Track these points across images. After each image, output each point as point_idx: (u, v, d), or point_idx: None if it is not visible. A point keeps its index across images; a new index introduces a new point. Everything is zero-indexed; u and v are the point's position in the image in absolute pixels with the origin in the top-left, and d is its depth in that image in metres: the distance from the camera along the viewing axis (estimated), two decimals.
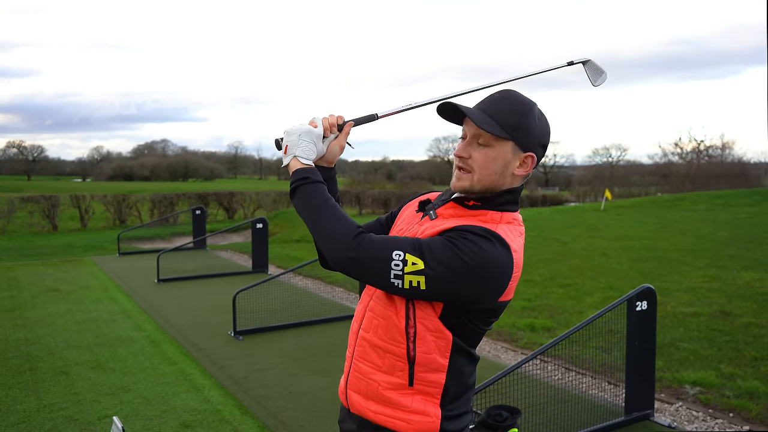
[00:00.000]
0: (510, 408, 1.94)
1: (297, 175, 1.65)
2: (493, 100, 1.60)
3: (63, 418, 4.30)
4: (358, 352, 1.66)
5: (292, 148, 1.69)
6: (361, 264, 1.49)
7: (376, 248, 1.49)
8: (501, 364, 5.47)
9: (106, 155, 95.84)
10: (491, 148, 1.57)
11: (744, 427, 4.21)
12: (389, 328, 1.58)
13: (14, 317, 7.22)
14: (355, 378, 1.66)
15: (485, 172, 1.57)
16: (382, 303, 1.61)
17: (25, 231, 18.74)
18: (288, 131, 1.71)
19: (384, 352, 1.59)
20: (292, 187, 1.65)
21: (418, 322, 1.53)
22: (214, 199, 23.77)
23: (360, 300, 1.75)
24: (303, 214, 1.62)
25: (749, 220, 17.76)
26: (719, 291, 8.22)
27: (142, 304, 7.90)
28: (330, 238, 1.54)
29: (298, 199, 1.63)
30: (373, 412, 1.60)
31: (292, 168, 1.68)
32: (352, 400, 1.66)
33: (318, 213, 1.58)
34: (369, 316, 1.64)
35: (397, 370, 1.57)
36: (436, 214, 1.64)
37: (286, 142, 1.71)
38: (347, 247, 1.50)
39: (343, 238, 1.52)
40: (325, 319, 7.08)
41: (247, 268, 10.95)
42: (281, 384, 4.99)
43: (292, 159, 1.68)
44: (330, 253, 1.53)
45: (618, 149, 76.69)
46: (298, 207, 1.64)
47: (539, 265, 10.58)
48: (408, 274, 1.45)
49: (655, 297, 4.24)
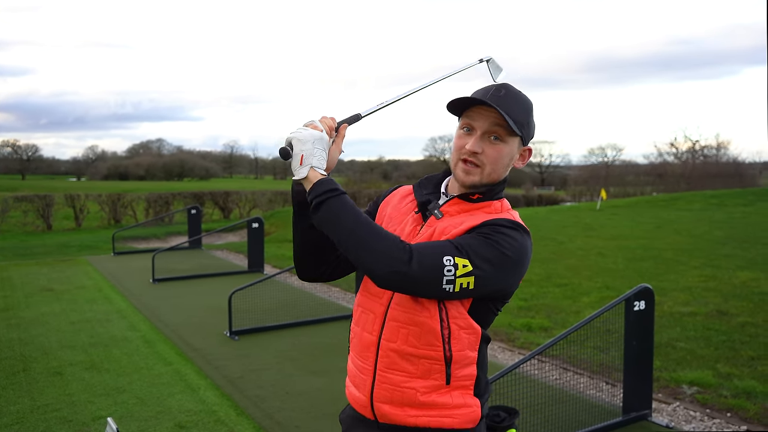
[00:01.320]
0: (508, 408, 1.92)
1: (322, 187, 1.50)
2: (504, 96, 1.59)
3: (57, 419, 4.26)
4: (385, 363, 1.59)
5: (308, 158, 1.52)
6: (412, 276, 1.42)
7: (427, 257, 1.44)
8: (498, 365, 5.45)
9: (101, 154, 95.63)
10: (505, 144, 1.60)
11: (741, 426, 4.21)
12: (423, 334, 1.55)
13: (8, 317, 7.16)
14: (384, 390, 1.59)
15: (496, 166, 1.60)
16: (409, 310, 1.56)
17: (19, 230, 18.63)
18: (299, 138, 1.52)
19: (418, 358, 1.56)
20: (317, 201, 1.49)
21: (452, 323, 1.55)
22: (209, 199, 23.70)
23: (364, 310, 1.67)
24: (334, 228, 1.48)
25: (744, 219, 17.81)
26: (715, 291, 8.23)
27: (137, 304, 7.85)
28: (377, 253, 1.43)
29: (326, 213, 1.48)
30: (414, 416, 1.58)
31: (312, 179, 1.52)
32: (383, 411, 1.60)
33: (358, 227, 1.46)
34: (393, 325, 1.58)
35: (434, 372, 1.56)
36: (441, 213, 1.62)
37: (301, 151, 1.52)
38: (398, 261, 1.42)
39: (392, 252, 1.43)
40: (321, 319, 7.05)
41: (242, 267, 10.92)
42: (277, 384, 4.96)
43: (310, 170, 1.52)
44: (376, 268, 1.43)
45: (613, 149, 77.02)
46: (326, 221, 1.49)
47: (535, 265, 10.57)
48: (459, 278, 1.45)
49: (653, 297, 4.23)
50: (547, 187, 70.62)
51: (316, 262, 1.69)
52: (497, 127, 1.57)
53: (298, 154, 1.52)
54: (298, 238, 1.67)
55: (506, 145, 1.60)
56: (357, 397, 1.66)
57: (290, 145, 1.53)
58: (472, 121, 1.60)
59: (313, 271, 1.72)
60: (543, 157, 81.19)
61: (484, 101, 1.55)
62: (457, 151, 1.62)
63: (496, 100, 1.57)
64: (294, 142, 1.52)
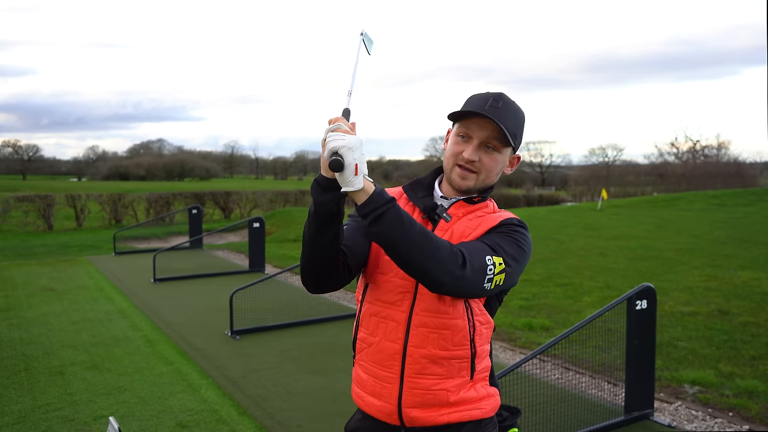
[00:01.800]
0: (510, 408, 1.92)
1: (382, 198, 1.44)
2: (501, 108, 1.64)
3: (58, 418, 4.26)
4: (415, 369, 1.61)
5: (362, 166, 1.41)
6: (466, 280, 1.48)
7: (476, 260, 1.50)
8: (500, 364, 5.45)
9: (101, 155, 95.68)
10: (500, 154, 1.68)
11: (744, 426, 4.20)
12: (454, 335, 1.61)
13: (9, 317, 7.17)
14: (415, 395, 1.61)
15: (490, 174, 1.69)
16: (439, 315, 1.59)
17: (21, 230, 18.64)
18: (349, 147, 1.39)
19: (448, 360, 1.61)
20: (378, 213, 1.42)
21: (475, 320, 1.64)
22: (210, 199, 23.69)
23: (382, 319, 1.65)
24: (397, 239, 1.43)
25: (745, 219, 17.81)
26: (717, 290, 8.22)
27: (138, 303, 7.85)
28: (440, 261, 1.44)
29: (390, 223, 1.43)
30: (446, 414, 1.62)
31: (368, 190, 1.43)
32: (413, 415, 1.62)
33: (421, 236, 1.44)
34: (422, 332, 1.60)
35: (461, 370, 1.64)
36: (450, 216, 1.68)
37: (354, 160, 1.38)
38: (456, 267, 1.45)
39: (449, 259, 1.45)
40: (322, 319, 7.05)
41: (243, 267, 10.91)
42: (278, 384, 4.96)
43: (366, 181, 1.43)
44: (439, 276, 1.44)
45: (614, 149, 77.08)
46: (389, 232, 1.43)
47: (537, 265, 10.56)
48: (496, 275, 1.54)
49: (655, 296, 4.22)
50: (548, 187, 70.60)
51: (329, 274, 1.63)
52: (494, 139, 1.65)
53: (352, 164, 1.38)
54: (317, 252, 1.56)
55: (500, 155, 1.68)
56: (379, 407, 1.66)
57: (338, 154, 1.39)
58: (469, 131, 1.66)
59: (322, 282, 1.64)
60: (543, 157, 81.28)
61: (487, 115, 1.61)
62: (453, 157, 1.68)
63: (495, 113, 1.62)
64: (344, 151, 1.38)
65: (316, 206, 1.50)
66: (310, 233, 1.55)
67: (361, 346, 1.71)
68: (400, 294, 1.63)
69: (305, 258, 1.61)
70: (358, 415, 1.77)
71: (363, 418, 1.74)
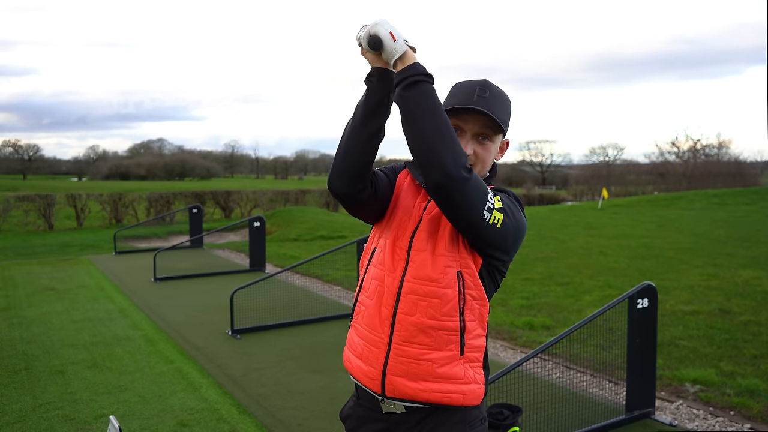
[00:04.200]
0: (511, 406, 1.94)
1: (422, 69, 1.50)
2: (490, 98, 1.67)
3: (59, 417, 4.26)
4: (402, 336, 1.62)
5: (398, 33, 1.49)
6: (469, 186, 1.46)
7: (479, 181, 1.51)
8: (500, 363, 5.45)
9: (102, 154, 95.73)
10: (492, 143, 1.71)
11: (745, 425, 4.20)
12: (442, 305, 1.60)
13: (10, 316, 7.16)
14: (400, 363, 1.61)
15: (486, 163, 1.72)
16: (429, 282, 1.60)
17: (21, 230, 18.64)
18: (378, 23, 1.49)
19: (436, 330, 1.60)
20: (414, 80, 1.47)
21: (467, 293, 1.62)
22: (210, 198, 23.68)
23: (379, 283, 1.67)
24: (427, 112, 1.46)
25: (746, 218, 17.80)
26: (718, 289, 8.21)
27: (139, 302, 7.85)
28: (453, 153, 1.45)
29: (422, 93, 1.47)
30: (427, 391, 1.60)
31: (414, 58, 1.51)
32: (395, 384, 1.62)
33: (443, 121, 1.47)
34: (411, 299, 1.61)
35: (450, 343, 1.61)
36: None
37: (388, 29, 1.48)
38: (464, 167, 1.46)
39: (462, 156, 1.47)
40: (323, 318, 7.05)
41: (244, 266, 10.91)
42: (279, 383, 4.95)
43: (408, 47, 1.51)
44: (447, 164, 1.43)
45: (615, 148, 77.23)
46: (420, 103, 1.47)
47: (537, 264, 10.56)
48: (495, 210, 1.54)
49: (656, 294, 4.22)
50: (548, 187, 70.58)
51: (359, 175, 1.61)
52: (486, 128, 1.67)
53: (387, 35, 1.47)
54: (357, 145, 1.57)
55: (493, 143, 1.72)
56: (365, 371, 1.67)
57: (374, 35, 1.49)
58: (462, 124, 1.67)
59: (350, 186, 1.61)
60: (544, 157, 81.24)
61: (477, 109, 1.63)
62: None
63: (484, 103, 1.65)
64: (377, 29, 1.48)
65: (367, 95, 1.56)
66: (355, 124, 1.58)
67: (359, 308, 1.75)
68: (396, 260, 1.65)
69: (341, 152, 1.61)
70: (351, 401, 1.80)
71: (355, 405, 1.76)
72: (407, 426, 1.65)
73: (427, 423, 1.63)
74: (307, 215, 19.10)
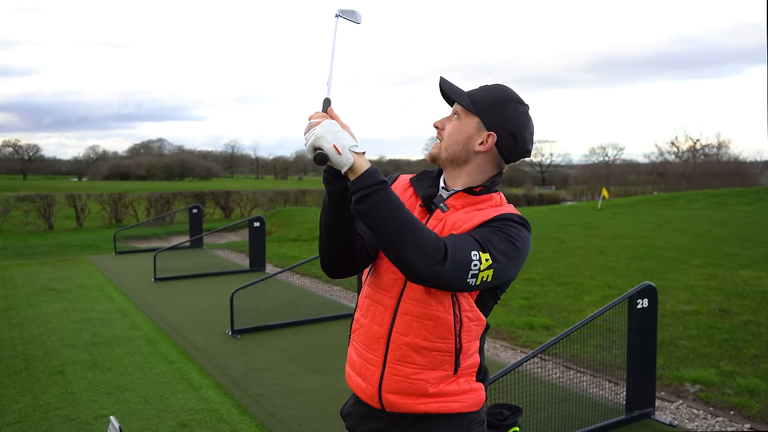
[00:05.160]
0: (511, 407, 1.93)
1: (373, 178, 1.43)
2: (478, 88, 1.73)
3: (59, 417, 4.26)
4: (396, 356, 1.62)
5: (340, 142, 1.43)
6: (445, 273, 1.44)
7: (459, 254, 1.46)
8: (500, 363, 5.45)
9: (102, 154, 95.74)
10: (459, 121, 1.68)
11: (745, 425, 4.20)
12: (437, 327, 1.59)
13: (9, 316, 7.16)
14: (394, 381, 1.62)
15: (450, 141, 1.68)
16: (424, 305, 1.59)
17: (21, 230, 18.65)
18: (319, 135, 1.43)
19: (430, 351, 1.60)
20: (364, 193, 1.42)
21: (463, 315, 1.61)
22: (210, 198, 23.69)
23: (373, 302, 1.68)
24: (381, 222, 1.43)
25: (746, 218, 17.79)
26: (717, 289, 8.21)
27: (139, 303, 7.85)
28: (417, 251, 1.42)
29: (375, 204, 1.43)
30: (424, 404, 1.62)
31: (358, 169, 1.44)
32: (391, 400, 1.63)
33: (405, 223, 1.43)
34: (406, 319, 1.61)
35: (444, 363, 1.61)
36: (447, 206, 1.66)
37: (329, 142, 1.41)
38: (434, 262, 1.43)
39: (431, 251, 1.43)
40: (323, 318, 7.05)
41: (244, 266, 10.91)
42: (279, 383, 4.96)
43: (354, 155, 1.44)
44: (417, 265, 1.43)
45: (614, 148, 77.19)
46: (374, 215, 1.43)
47: (537, 264, 10.56)
48: (482, 272, 1.50)
49: (656, 294, 4.22)
50: (548, 187, 70.61)
51: (347, 260, 1.66)
52: (457, 106, 1.70)
53: (330, 148, 1.42)
54: (335, 239, 1.60)
55: (460, 122, 1.68)
56: (363, 388, 1.69)
57: (317, 148, 1.43)
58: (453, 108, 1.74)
59: (344, 270, 1.69)
60: (544, 157, 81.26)
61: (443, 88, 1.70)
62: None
63: (459, 89, 1.71)
64: (319, 142, 1.43)
65: (330, 195, 1.56)
66: (326, 222, 1.60)
67: (355, 326, 1.76)
68: (392, 280, 1.64)
69: (323, 246, 1.66)
70: (351, 400, 1.80)
71: (355, 402, 1.77)
72: (404, 426, 1.66)
73: (424, 424, 1.64)
74: (307, 215, 19.09)
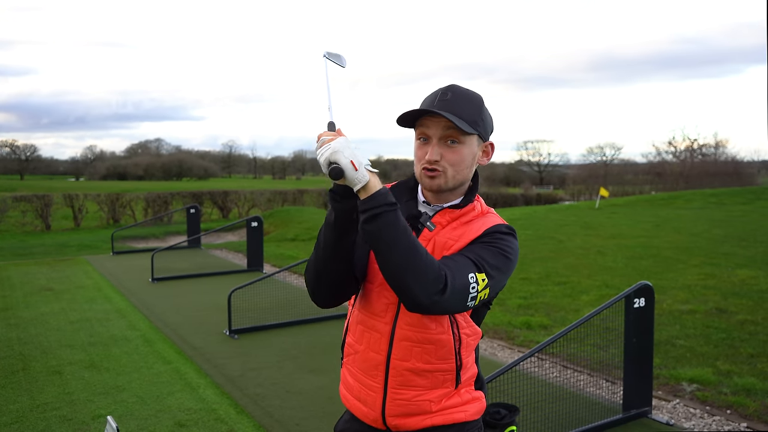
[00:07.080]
0: (508, 406, 1.93)
1: (384, 198, 1.40)
2: (451, 100, 1.59)
3: (57, 417, 4.26)
4: (397, 381, 1.59)
5: (360, 160, 1.40)
6: (445, 304, 1.43)
7: (458, 280, 1.44)
8: (498, 362, 5.46)
9: (99, 154, 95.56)
10: (463, 145, 1.60)
11: (741, 424, 4.21)
12: (437, 349, 1.58)
13: (7, 316, 7.15)
14: (397, 405, 1.60)
15: (459, 168, 1.61)
16: (422, 330, 1.57)
17: (18, 230, 18.61)
18: (336, 149, 1.39)
19: (431, 372, 1.59)
20: (377, 212, 1.39)
21: (461, 333, 1.60)
22: (208, 198, 23.69)
23: (366, 329, 1.64)
24: (388, 245, 1.39)
25: (743, 218, 17.83)
26: (715, 288, 8.23)
27: (137, 303, 7.84)
28: (420, 281, 1.39)
29: (384, 226, 1.39)
30: (429, 418, 1.61)
31: (375, 186, 1.41)
32: (395, 423, 1.62)
33: (410, 250, 1.40)
34: (405, 345, 1.58)
35: (446, 381, 1.61)
36: (434, 224, 1.60)
37: (347, 158, 1.39)
38: (435, 291, 1.40)
39: (432, 280, 1.39)
40: (320, 318, 7.05)
41: (242, 266, 10.91)
42: (277, 383, 4.96)
43: (370, 174, 1.42)
44: (417, 297, 1.40)
45: (612, 148, 77.27)
46: (382, 236, 1.39)
47: (535, 263, 10.57)
48: (480, 292, 1.49)
49: (653, 294, 4.23)
50: (546, 186, 70.65)
51: (343, 285, 1.61)
52: (450, 131, 1.57)
53: (348, 163, 1.39)
54: (334, 261, 1.54)
55: (464, 145, 1.59)
56: (365, 412, 1.65)
57: (332, 162, 1.41)
58: (426, 130, 1.60)
59: (337, 297, 1.65)
60: (542, 156, 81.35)
61: (431, 111, 1.55)
62: (419, 162, 1.63)
63: (443, 106, 1.57)
64: (335, 157, 1.39)
65: (336, 214, 1.49)
66: (328, 242, 1.52)
67: (348, 351, 1.72)
68: (384, 305, 1.61)
69: (319, 268, 1.57)
70: (347, 416, 1.76)
71: (351, 419, 1.73)
72: None
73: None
74: (305, 215, 19.09)
